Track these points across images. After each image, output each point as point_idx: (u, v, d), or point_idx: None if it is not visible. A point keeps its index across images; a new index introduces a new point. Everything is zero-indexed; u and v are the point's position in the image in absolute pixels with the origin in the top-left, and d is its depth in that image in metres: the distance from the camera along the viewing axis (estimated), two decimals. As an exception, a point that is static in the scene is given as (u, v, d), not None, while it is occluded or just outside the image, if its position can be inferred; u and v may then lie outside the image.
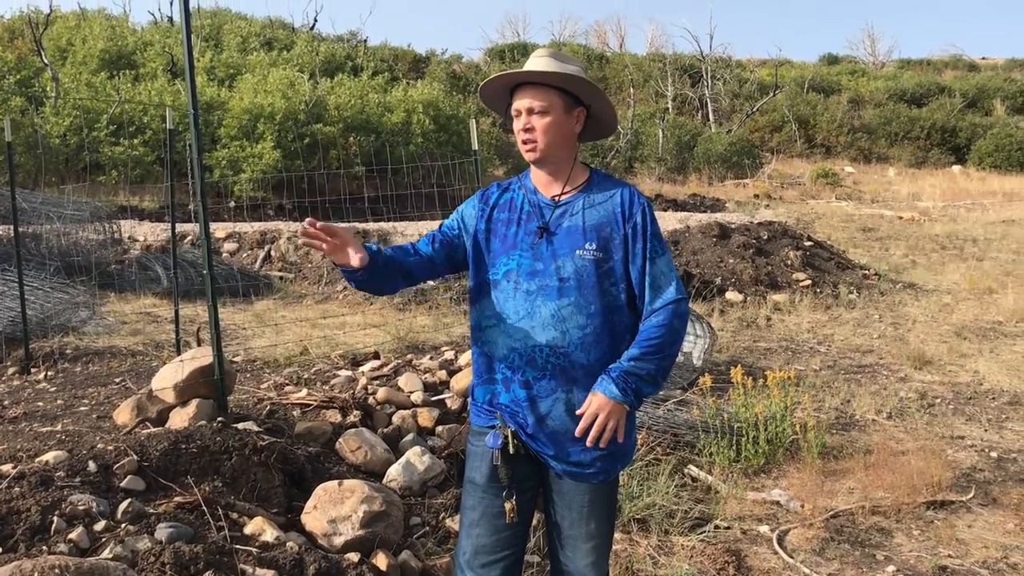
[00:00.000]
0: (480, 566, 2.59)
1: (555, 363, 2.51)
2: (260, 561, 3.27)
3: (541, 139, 2.55)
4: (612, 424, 2.45)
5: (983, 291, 11.40)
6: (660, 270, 2.53)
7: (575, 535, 2.64)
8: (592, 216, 2.56)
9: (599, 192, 2.60)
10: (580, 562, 2.64)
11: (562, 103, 2.56)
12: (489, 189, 2.74)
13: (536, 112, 2.55)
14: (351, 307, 10.66)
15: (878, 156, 32.65)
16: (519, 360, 2.54)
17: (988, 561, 4.20)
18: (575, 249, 2.52)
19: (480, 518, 2.60)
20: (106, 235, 11.81)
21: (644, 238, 2.53)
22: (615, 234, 2.54)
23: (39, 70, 20.29)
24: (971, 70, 49.87)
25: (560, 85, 2.55)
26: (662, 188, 24.20)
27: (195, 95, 4.51)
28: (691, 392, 6.49)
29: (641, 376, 2.46)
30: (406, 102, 21.38)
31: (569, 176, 2.63)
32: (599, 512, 2.63)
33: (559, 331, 2.50)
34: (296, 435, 4.58)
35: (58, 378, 6.67)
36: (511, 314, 2.55)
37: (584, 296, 2.51)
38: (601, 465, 2.58)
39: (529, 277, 2.54)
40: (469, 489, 2.64)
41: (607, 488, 2.64)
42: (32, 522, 3.23)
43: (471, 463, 2.65)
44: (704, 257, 11.83)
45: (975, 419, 6.43)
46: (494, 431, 2.58)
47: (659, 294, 2.51)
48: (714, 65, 36.65)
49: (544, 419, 2.54)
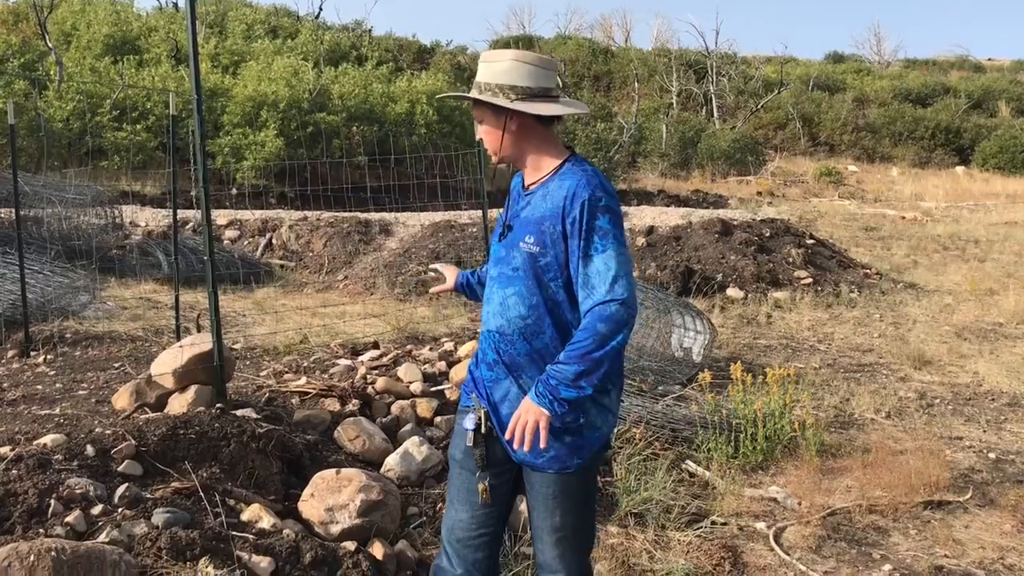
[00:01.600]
0: (457, 541, 2.68)
1: (504, 349, 2.60)
2: (257, 548, 3.27)
3: (489, 145, 2.67)
4: (530, 426, 2.41)
5: (984, 292, 11.39)
6: (596, 269, 2.43)
7: (541, 527, 2.65)
8: (540, 208, 2.56)
9: (556, 183, 2.55)
10: (548, 554, 2.66)
11: (489, 111, 2.63)
12: (515, 177, 2.82)
13: (477, 123, 2.69)
14: (351, 297, 10.65)
15: (882, 155, 32.61)
16: (485, 343, 2.66)
17: (984, 562, 4.20)
18: (519, 241, 2.58)
19: (458, 494, 2.70)
20: (107, 220, 11.80)
21: (580, 235, 2.45)
22: (555, 228, 2.50)
23: (43, 54, 20.25)
24: (977, 71, 49.78)
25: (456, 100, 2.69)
26: (665, 184, 24.18)
27: (199, 81, 4.49)
28: (690, 388, 6.49)
29: (559, 379, 2.40)
30: (410, 93, 21.33)
31: (533, 167, 2.66)
32: (564, 504, 2.61)
33: (504, 319, 2.60)
34: (294, 423, 4.58)
35: (57, 362, 6.67)
36: (485, 297, 2.73)
37: (526, 287, 2.56)
38: (553, 455, 2.55)
39: (495, 263, 2.67)
40: (452, 465, 2.75)
41: (572, 480, 2.60)
42: (29, 505, 3.23)
43: (454, 440, 2.77)
44: (706, 253, 11.82)
45: (974, 420, 6.43)
46: (471, 412, 2.65)
47: (590, 294, 2.43)
48: (719, 61, 36.58)
49: (502, 401, 2.61)
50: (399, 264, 11.59)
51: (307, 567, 3.26)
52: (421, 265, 11.43)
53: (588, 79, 36.86)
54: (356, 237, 13.08)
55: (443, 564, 2.73)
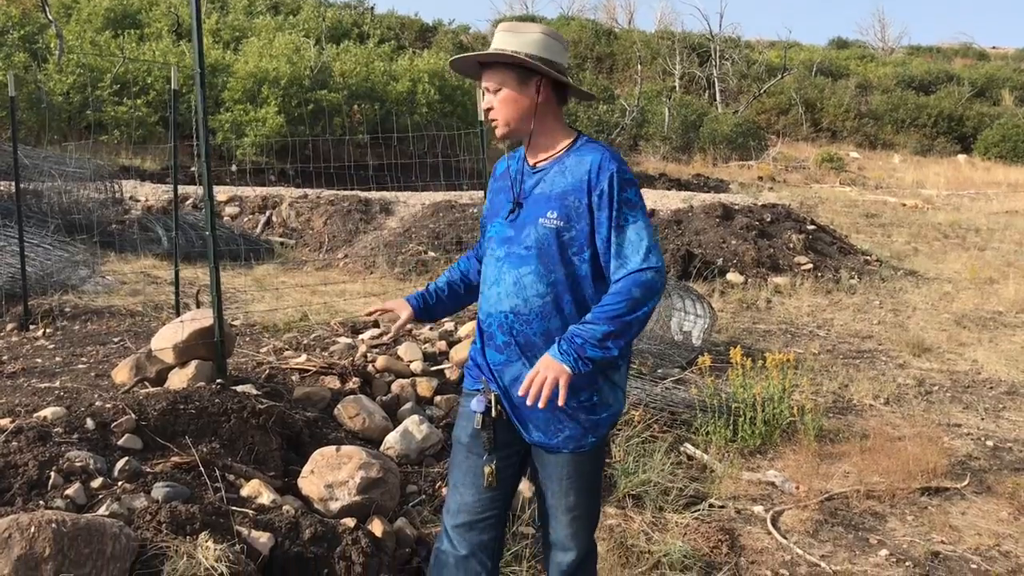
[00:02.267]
0: (462, 524, 2.64)
1: (519, 329, 2.55)
2: (256, 523, 3.27)
3: (501, 116, 2.58)
4: (549, 381, 2.35)
5: (984, 281, 11.39)
6: (628, 239, 2.45)
7: (555, 506, 2.67)
8: (560, 183, 2.54)
9: (574, 158, 2.56)
10: (561, 532, 2.68)
11: (514, 77, 2.56)
12: (500, 162, 2.80)
13: (491, 91, 2.59)
14: (351, 275, 10.64)
15: (884, 142, 32.53)
16: (493, 325, 2.61)
17: (981, 548, 4.21)
18: (538, 217, 2.54)
19: (464, 476, 2.66)
20: (107, 194, 11.76)
21: (610, 206, 2.47)
22: (580, 202, 2.50)
23: (43, 26, 20.11)
24: (981, 59, 49.58)
25: (488, 61, 2.59)
26: (666, 167, 24.11)
27: (202, 53, 4.46)
28: (690, 371, 6.49)
29: (586, 338, 2.38)
30: (412, 71, 21.23)
31: (545, 143, 2.63)
32: (578, 484, 2.64)
33: (520, 299, 2.54)
34: (294, 400, 4.58)
35: (57, 335, 6.66)
36: (487, 279, 2.64)
37: (545, 265, 2.52)
38: (568, 434, 2.57)
39: (501, 243, 2.61)
40: (456, 448, 2.71)
41: (586, 459, 2.63)
42: (29, 477, 3.23)
43: (459, 422, 2.73)
44: (706, 237, 11.80)
45: (972, 407, 6.44)
46: (479, 395, 2.62)
47: (624, 263, 2.45)
48: (723, 45, 36.40)
49: (514, 383, 2.58)
50: (399, 243, 11.57)
51: (306, 543, 3.26)
52: (421, 245, 11.42)
53: (591, 60, 36.68)
54: (356, 216, 13.05)
55: (444, 547, 2.67)
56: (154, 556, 2.92)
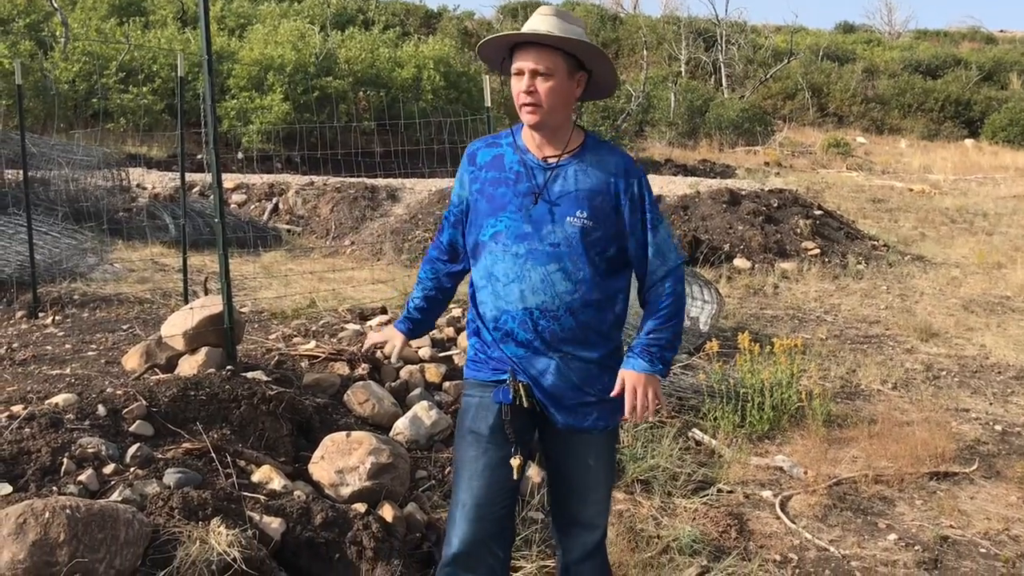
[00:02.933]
0: (478, 517, 2.59)
1: (545, 326, 2.54)
2: (267, 509, 3.29)
3: (545, 102, 2.50)
4: (651, 395, 2.54)
5: (992, 265, 11.36)
6: (662, 237, 2.58)
7: (584, 486, 2.69)
8: (585, 183, 2.54)
9: (593, 160, 2.57)
10: (589, 511, 2.71)
11: (566, 66, 2.51)
12: (474, 146, 2.70)
13: (540, 74, 2.49)
14: (358, 262, 10.65)
15: (891, 127, 32.37)
16: (512, 322, 2.57)
17: (990, 532, 4.22)
18: (566, 216, 2.52)
19: (483, 470, 2.60)
20: (115, 182, 11.78)
21: (643, 210, 2.56)
22: (607, 204, 2.54)
23: (48, 14, 20.10)
24: (988, 43, 49.26)
25: (567, 49, 2.50)
26: (672, 153, 24.05)
27: (209, 39, 4.46)
28: (697, 357, 6.49)
29: (662, 345, 2.57)
30: (417, 58, 21.17)
31: (565, 140, 2.59)
32: (605, 461, 2.70)
33: (548, 295, 2.52)
34: (304, 386, 4.59)
35: (66, 323, 6.69)
36: (501, 276, 2.56)
37: (573, 262, 2.52)
38: (599, 415, 2.63)
39: (518, 240, 2.54)
40: (471, 440, 2.63)
41: (609, 438, 2.72)
42: (42, 463, 3.25)
43: (474, 414, 2.64)
44: (713, 223, 11.78)
45: (980, 392, 6.43)
46: (503, 385, 2.59)
47: (664, 261, 2.58)
48: (729, 30, 36.22)
49: (541, 376, 2.58)
50: (406, 230, 11.58)
51: (318, 528, 3.28)
52: (428, 231, 11.41)
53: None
54: (363, 203, 13.05)
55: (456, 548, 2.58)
56: (167, 541, 2.94)
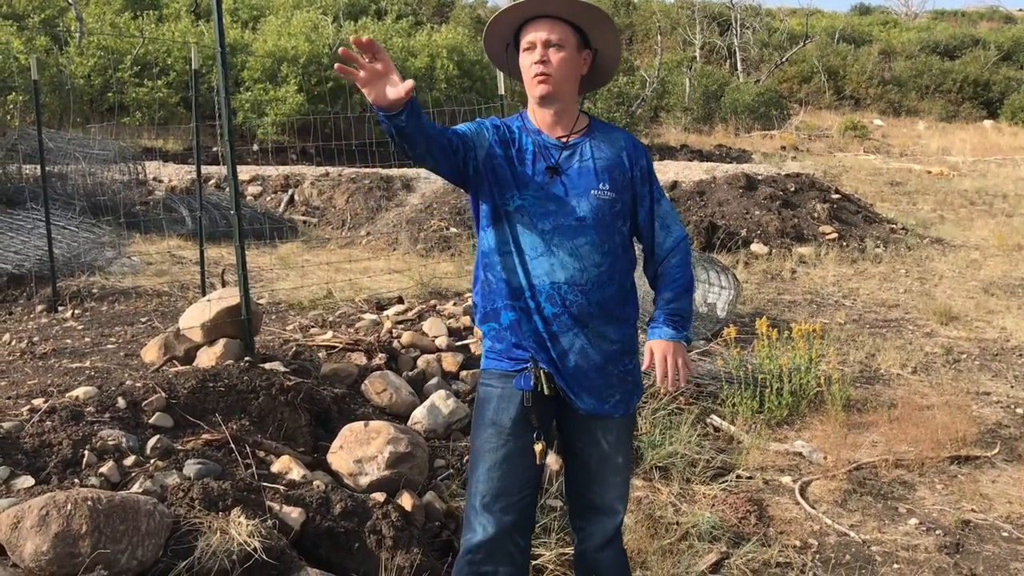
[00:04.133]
0: (500, 508, 2.57)
1: (572, 299, 2.54)
2: (287, 499, 3.31)
3: (557, 72, 2.52)
4: (682, 361, 2.59)
5: (1012, 247, 11.25)
6: (666, 210, 2.67)
7: (604, 471, 2.69)
8: (601, 158, 2.61)
9: (603, 137, 2.65)
10: (610, 495, 2.71)
11: (575, 40, 2.57)
12: (494, 121, 2.67)
13: (553, 45, 2.52)
14: (374, 252, 10.67)
15: (908, 109, 32.10)
16: (540, 296, 2.55)
17: (1012, 516, 4.19)
18: (590, 189, 2.56)
19: (503, 460, 2.58)
20: (131, 176, 11.84)
21: (650, 181, 2.66)
22: (624, 176, 2.62)
23: (63, 9, 20.18)
24: (1007, 22, 48.71)
25: (573, 17, 2.53)
26: (688, 138, 23.94)
27: (222, 32, 4.46)
28: (715, 343, 6.47)
29: (683, 314, 2.63)
30: (430, 47, 21.13)
31: (574, 118, 2.63)
32: (624, 445, 2.72)
33: (577, 269, 2.53)
34: (322, 376, 4.61)
35: (85, 316, 6.73)
36: (528, 250, 2.56)
37: (600, 235, 2.55)
38: (620, 398, 2.65)
39: (543, 217, 2.54)
40: (492, 432, 2.60)
41: (628, 423, 2.74)
42: (64, 455, 3.28)
43: (495, 406, 2.62)
44: (730, 208, 11.73)
45: (1001, 375, 6.38)
46: (524, 372, 2.58)
47: (670, 233, 2.66)
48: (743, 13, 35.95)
49: (566, 354, 2.57)
50: (421, 220, 11.58)
51: (337, 518, 3.29)
52: (443, 221, 11.42)
53: (610, 32, 36.35)
54: (378, 193, 13.06)
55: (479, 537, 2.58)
56: (188, 532, 2.95)
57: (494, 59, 2.77)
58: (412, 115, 2.31)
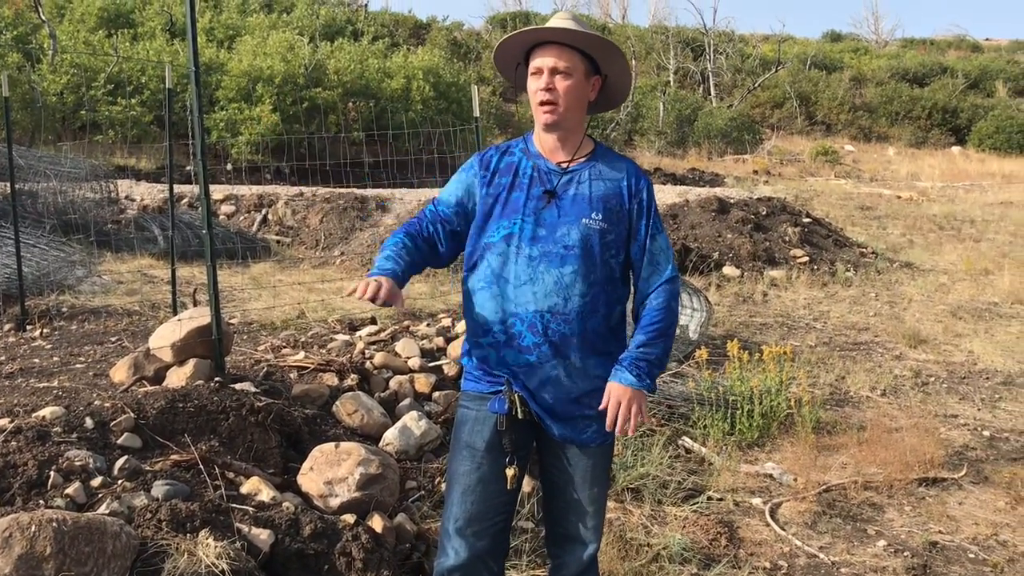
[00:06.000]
0: (473, 533, 2.57)
1: (555, 329, 2.51)
2: (256, 520, 3.28)
3: (563, 101, 2.52)
4: (635, 409, 2.51)
5: (979, 272, 11.42)
6: (659, 247, 2.60)
7: (580, 499, 2.67)
8: (599, 187, 2.57)
9: (605, 165, 2.62)
10: (585, 525, 2.69)
11: (584, 67, 2.55)
12: (487, 153, 2.68)
13: (560, 72, 2.52)
14: (348, 273, 10.64)
15: (878, 135, 32.58)
16: (520, 325, 2.52)
17: (978, 538, 4.23)
18: (581, 217, 2.52)
19: (476, 484, 2.58)
20: (103, 194, 11.75)
21: (647, 215, 2.60)
22: (621, 207, 2.58)
23: (36, 26, 20.09)
24: (974, 51, 49.64)
25: (586, 47, 2.53)
26: (661, 162, 24.12)
27: (196, 51, 4.46)
28: (687, 365, 6.50)
29: (651, 361, 2.55)
30: (406, 68, 21.22)
31: (577, 144, 2.62)
32: (600, 475, 2.68)
33: (561, 297, 2.50)
34: (293, 397, 4.58)
35: (54, 336, 6.66)
36: (511, 279, 2.53)
37: (587, 265, 2.51)
38: (598, 428, 2.61)
39: (531, 243, 2.52)
40: (466, 455, 2.60)
41: (605, 452, 2.70)
42: (29, 476, 3.23)
43: (469, 427, 2.62)
44: (702, 231, 11.82)
45: (968, 398, 6.46)
46: (499, 396, 2.57)
47: (656, 271, 2.59)
48: (717, 39, 36.43)
49: (544, 384, 2.55)
50: (395, 240, 11.56)
51: (307, 539, 3.27)
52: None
53: (585, 56, 36.63)
54: (352, 213, 13.05)
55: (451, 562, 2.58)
56: (155, 554, 2.92)
57: (504, 74, 2.77)
58: (405, 279, 2.54)
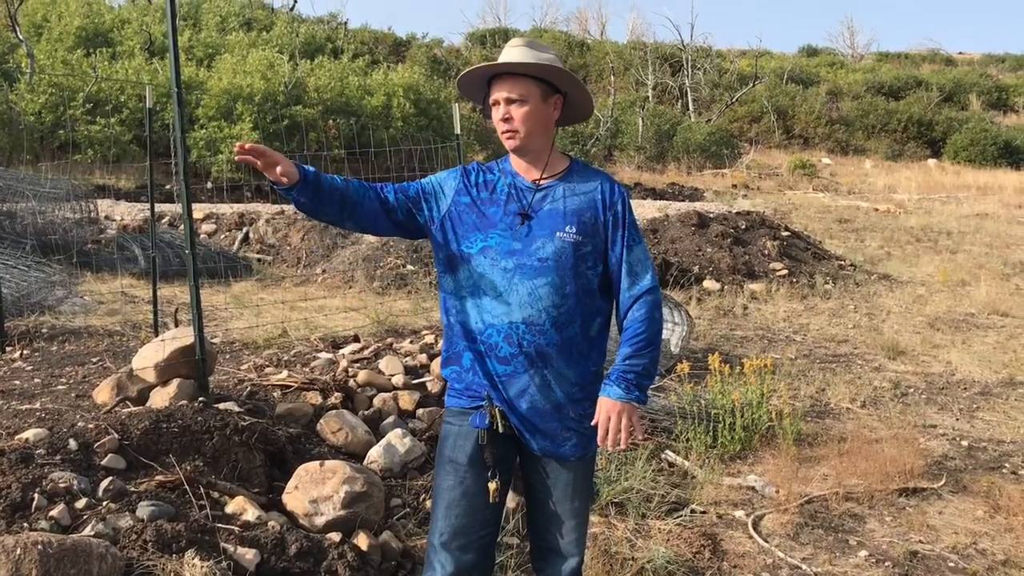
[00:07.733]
0: (458, 547, 2.59)
1: (530, 340, 2.56)
2: (242, 540, 3.28)
3: (520, 128, 2.60)
4: (626, 422, 2.54)
5: (956, 283, 11.55)
6: (637, 257, 2.64)
7: (561, 513, 2.70)
8: (573, 202, 2.63)
9: (580, 181, 2.67)
10: (567, 538, 2.71)
11: (539, 91, 2.61)
12: (471, 166, 2.76)
13: (515, 101, 2.60)
14: (330, 290, 10.63)
15: (855, 148, 32.90)
16: (496, 336, 2.59)
17: (958, 547, 4.28)
18: (556, 231, 2.58)
19: (460, 498, 2.61)
20: (83, 214, 11.70)
21: (623, 226, 2.64)
22: (595, 219, 2.62)
23: (14, 46, 20.02)
24: (948, 64, 50.26)
25: (537, 75, 2.60)
26: (641, 177, 24.26)
27: (178, 71, 4.48)
28: (668, 378, 6.55)
29: (639, 372, 2.57)
30: (386, 85, 21.29)
31: (548, 161, 2.68)
32: (581, 489, 2.71)
33: (535, 309, 2.56)
34: (277, 416, 4.58)
35: (35, 357, 6.62)
36: (488, 290, 2.60)
37: (561, 277, 2.57)
38: (577, 441, 2.65)
39: (507, 256, 2.59)
40: (449, 469, 2.64)
41: (586, 465, 2.72)
42: (13, 499, 3.22)
43: (452, 443, 2.66)
44: (682, 246, 11.90)
45: (947, 408, 6.53)
46: (480, 410, 2.61)
47: (636, 281, 2.62)
48: (695, 54, 36.74)
49: (521, 395, 2.60)
50: (377, 257, 11.59)
51: (292, 558, 3.28)
52: (400, 259, 11.43)
53: (564, 72, 36.83)
54: (334, 230, 13.04)
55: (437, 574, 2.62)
56: (141, 575, 2.92)
57: (473, 103, 2.85)
58: (306, 190, 2.56)
